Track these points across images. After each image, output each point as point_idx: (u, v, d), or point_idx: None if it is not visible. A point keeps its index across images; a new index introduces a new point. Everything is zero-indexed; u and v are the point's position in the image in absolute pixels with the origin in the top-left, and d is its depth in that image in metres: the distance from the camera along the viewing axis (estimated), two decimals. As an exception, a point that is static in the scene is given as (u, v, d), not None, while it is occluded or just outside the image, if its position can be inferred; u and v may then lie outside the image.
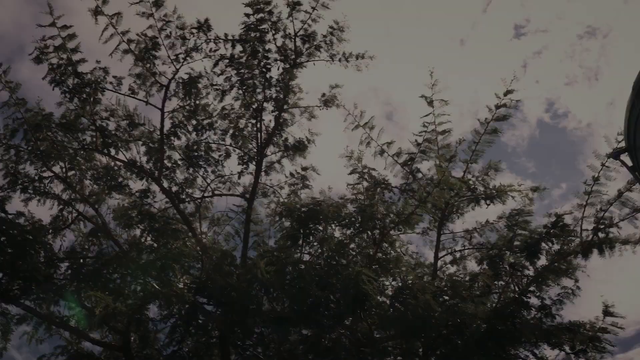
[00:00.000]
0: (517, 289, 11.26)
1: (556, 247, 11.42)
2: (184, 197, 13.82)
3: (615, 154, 9.19)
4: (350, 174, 12.42)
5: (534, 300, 11.12)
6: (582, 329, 10.67)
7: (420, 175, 12.16)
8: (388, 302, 10.78)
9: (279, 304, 10.79)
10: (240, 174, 14.24)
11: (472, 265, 12.64)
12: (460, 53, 41.29)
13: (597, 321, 10.70)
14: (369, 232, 11.01)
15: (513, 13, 41.22)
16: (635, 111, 8.27)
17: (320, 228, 11.38)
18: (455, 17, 41.66)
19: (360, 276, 9.46)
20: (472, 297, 10.43)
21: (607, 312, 10.67)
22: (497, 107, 12.25)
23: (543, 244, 11.36)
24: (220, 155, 14.19)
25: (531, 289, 11.11)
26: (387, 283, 11.13)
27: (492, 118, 12.32)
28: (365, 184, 11.95)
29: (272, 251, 11.32)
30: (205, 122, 13.85)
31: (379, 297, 10.42)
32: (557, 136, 40.47)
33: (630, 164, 8.91)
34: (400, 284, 10.84)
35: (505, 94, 12.11)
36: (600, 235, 11.33)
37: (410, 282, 10.68)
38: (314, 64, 14.09)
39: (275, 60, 13.80)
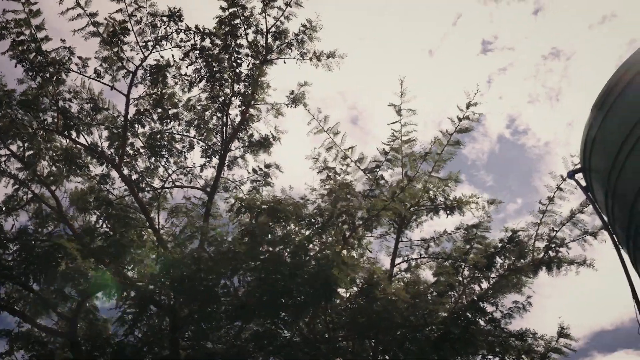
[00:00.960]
0: (473, 296, 11.47)
1: (509, 262, 11.71)
2: (143, 185, 13.63)
3: (570, 174, 9.46)
4: (319, 173, 12.51)
5: (488, 308, 11.35)
6: (532, 338, 10.99)
7: (383, 182, 12.27)
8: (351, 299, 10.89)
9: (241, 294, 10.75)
10: (202, 166, 14.17)
11: (426, 274, 12.81)
12: (429, 63, 41.76)
13: (552, 341, 11.06)
14: (335, 230, 11.04)
15: (482, 28, 41.95)
16: (592, 133, 8.51)
17: (281, 226, 11.41)
18: (426, 27, 42.12)
19: (331, 262, 9.55)
20: (430, 300, 10.62)
21: (562, 334, 11.02)
22: (460, 119, 12.47)
23: (498, 258, 11.63)
24: (183, 147, 14.06)
25: (485, 300, 11.32)
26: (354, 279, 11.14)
27: (455, 130, 12.54)
28: (329, 186, 11.99)
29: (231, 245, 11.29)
30: (170, 112, 13.68)
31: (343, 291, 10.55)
32: (516, 152, 41.37)
33: (584, 184, 9.16)
34: (364, 281, 10.88)
35: (467, 107, 12.33)
36: (551, 254, 11.67)
37: (375, 279, 10.73)
38: (284, 61, 14.11)
39: (246, 55, 13.75)
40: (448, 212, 12.69)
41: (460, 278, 11.73)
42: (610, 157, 7.93)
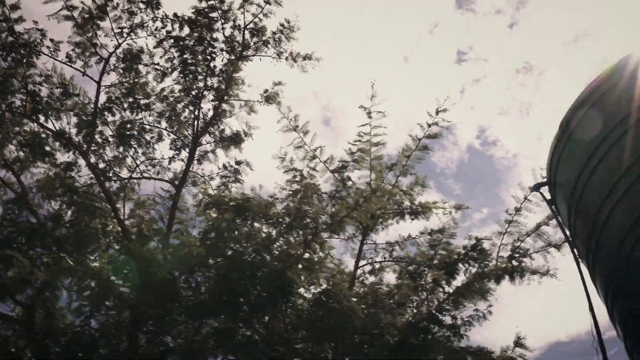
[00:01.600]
0: (432, 305, 11.56)
1: (472, 269, 11.85)
2: (110, 175, 13.43)
3: (536, 187, 9.65)
4: (285, 172, 12.46)
5: (446, 319, 11.44)
6: (488, 355, 11.12)
7: (350, 183, 12.30)
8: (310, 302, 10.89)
9: (201, 291, 10.69)
10: (171, 159, 13.99)
11: (389, 277, 12.88)
12: (404, 69, 42.12)
13: (507, 350, 11.21)
14: (300, 231, 11.03)
15: (458, 38, 42.49)
16: (559, 148, 8.69)
17: (247, 224, 11.38)
18: (403, 33, 42.50)
19: (289, 264, 9.58)
20: (391, 308, 10.66)
21: (518, 343, 11.20)
22: (429, 125, 12.58)
23: (461, 265, 11.75)
24: (153, 138, 13.90)
25: (446, 307, 11.42)
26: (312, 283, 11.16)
27: (424, 135, 12.64)
28: (296, 186, 11.98)
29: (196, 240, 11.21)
30: (142, 101, 13.52)
31: (301, 294, 10.55)
32: (485, 163, 41.97)
33: (549, 197, 9.35)
34: (324, 286, 10.90)
35: (437, 113, 12.44)
36: (514, 263, 11.85)
37: (332, 285, 10.76)
38: (260, 59, 14.07)
39: (221, 49, 13.67)
40: (414, 216, 12.79)
41: (423, 283, 11.83)
42: (575, 173, 8.11)
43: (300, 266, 10.35)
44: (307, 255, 10.88)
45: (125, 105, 13.42)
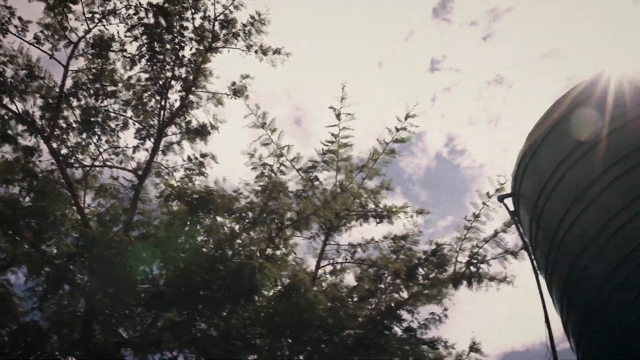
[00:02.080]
0: (392, 304, 11.71)
1: (432, 273, 12.04)
2: (72, 162, 13.14)
3: (500, 198, 9.85)
4: (253, 169, 12.45)
5: (404, 317, 11.62)
6: (443, 346, 11.36)
7: (317, 183, 12.34)
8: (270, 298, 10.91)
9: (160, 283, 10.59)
10: (135, 148, 13.71)
11: (350, 279, 12.98)
12: (377, 74, 42.36)
13: (463, 355, 11.46)
14: (265, 227, 11.03)
15: (432, 47, 42.94)
16: (524, 161, 8.92)
17: (210, 218, 11.32)
18: (378, 39, 42.70)
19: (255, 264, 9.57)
20: (350, 306, 10.77)
21: (473, 348, 11.44)
22: (398, 129, 12.72)
23: (420, 269, 11.93)
24: (118, 126, 13.64)
25: (404, 309, 11.59)
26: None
27: (392, 139, 12.77)
28: (263, 183, 11.96)
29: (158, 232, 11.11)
30: (109, 88, 13.26)
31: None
32: (452, 171, 42.57)
33: (512, 208, 9.56)
34: (286, 282, 10.92)
35: (405, 118, 12.57)
36: (472, 269, 12.08)
37: (295, 280, 10.78)
38: (229, 51, 13.96)
39: (191, 39, 13.52)
40: (378, 220, 12.91)
41: (382, 286, 11.97)
42: (539, 187, 8.34)
43: (262, 262, 10.32)
44: (270, 251, 10.89)
45: (92, 91, 13.14)
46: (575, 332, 7.99)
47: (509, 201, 9.63)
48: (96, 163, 13.50)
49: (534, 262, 8.95)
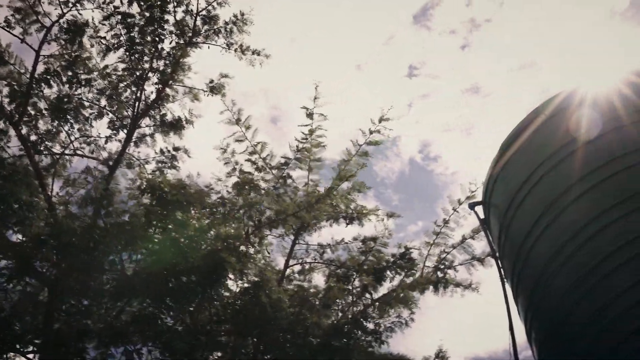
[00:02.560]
0: (358, 310, 11.79)
1: (399, 277, 12.17)
2: (42, 149, 12.91)
3: (471, 205, 10.00)
4: (226, 164, 12.43)
5: (369, 325, 11.68)
6: None
7: (290, 181, 12.38)
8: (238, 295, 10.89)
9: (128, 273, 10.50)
10: (108, 138, 13.53)
11: (318, 279, 13.05)
12: (355, 77, 42.46)
13: None
14: (242, 222, 11.02)
15: (411, 53, 43.24)
16: (496, 170, 9.08)
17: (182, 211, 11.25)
18: (358, 42, 42.82)
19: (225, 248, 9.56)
20: (318, 309, 10.79)
21: (438, 356, 11.58)
22: (372, 132, 12.80)
23: (389, 272, 12.04)
24: (91, 115, 13.44)
25: (371, 313, 11.67)
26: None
27: (365, 142, 12.86)
28: (235, 179, 11.96)
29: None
30: (83, 76, 13.06)
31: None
32: (424, 177, 42.94)
33: (482, 216, 9.72)
34: (255, 279, 10.90)
35: (380, 121, 12.68)
36: (439, 274, 12.24)
37: (263, 278, 10.77)
38: (209, 47, 13.90)
39: (171, 32, 13.42)
40: (348, 221, 12.98)
41: (350, 287, 12.03)
42: (509, 196, 8.50)
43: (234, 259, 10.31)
44: (243, 248, 10.88)
45: (64, 79, 12.90)
46: (538, 341, 8.16)
47: (479, 209, 9.78)
48: (67, 151, 13.29)
49: (501, 270, 9.11)
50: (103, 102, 13.49)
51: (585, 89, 8.35)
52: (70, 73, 12.96)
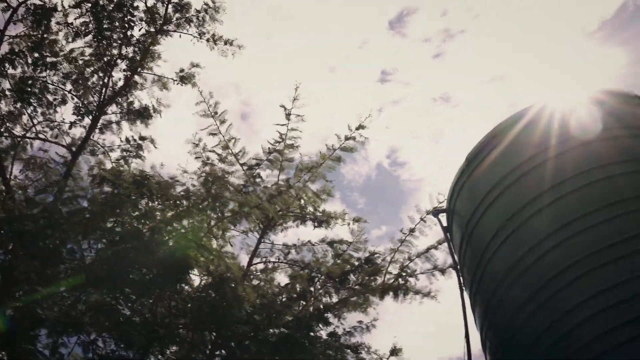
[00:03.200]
0: (321, 307, 11.83)
1: (362, 281, 12.21)
2: (2, 130, 12.59)
3: (435, 212, 10.09)
4: (197, 158, 12.33)
5: (331, 320, 11.75)
6: (366, 352, 11.55)
7: (259, 180, 12.34)
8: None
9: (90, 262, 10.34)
10: (72, 124, 13.28)
11: (281, 279, 13.02)
12: (328, 79, 42.47)
13: (383, 357, 11.68)
14: (205, 215, 10.93)
15: (384, 59, 43.43)
16: (462, 179, 9.19)
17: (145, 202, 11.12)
18: (333, 44, 42.79)
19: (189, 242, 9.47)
20: (280, 304, 10.80)
21: (393, 352, 11.70)
22: (347, 137, 12.82)
23: (352, 276, 12.09)
24: (56, 99, 13.16)
25: (332, 313, 11.71)
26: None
27: (339, 147, 12.88)
28: (205, 172, 11.85)
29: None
30: (48, 59, 12.78)
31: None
32: (391, 182, 43.24)
33: (445, 224, 9.81)
34: (218, 273, 10.83)
35: (357, 128, 12.72)
36: (401, 281, 12.33)
37: (227, 270, 10.72)
38: (180, 35, 13.74)
39: (141, 19, 13.23)
40: (316, 224, 12.96)
41: (312, 289, 12.05)
42: (473, 205, 8.61)
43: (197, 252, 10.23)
44: (206, 240, 10.80)
45: (30, 60, 12.62)
46: (491, 351, 8.30)
47: (443, 217, 9.88)
48: (28, 135, 13.02)
49: (461, 279, 9.23)
50: (69, 86, 13.27)
51: (553, 104, 8.52)
52: (36, 55, 12.68)
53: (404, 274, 12.31)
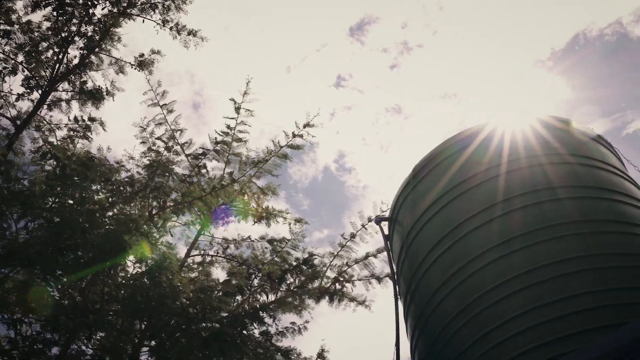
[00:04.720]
0: (256, 305, 11.76)
1: (299, 282, 12.21)
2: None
3: (378, 220, 10.14)
4: (142, 143, 12.12)
5: (266, 320, 11.68)
6: (296, 357, 11.52)
7: (205, 171, 12.21)
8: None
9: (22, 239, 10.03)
10: (20, 96, 12.90)
11: (219, 274, 12.93)
12: (284, 78, 42.52)
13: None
14: (147, 202, 10.74)
15: (341, 64, 43.77)
16: (406, 190, 9.29)
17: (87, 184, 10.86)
18: (291, 45, 42.94)
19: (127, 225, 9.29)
20: (215, 298, 10.68)
21: (320, 355, 11.70)
22: (294, 135, 12.83)
23: (289, 276, 12.07)
24: (5, 69, 12.76)
25: (267, 312, 11.65)
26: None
27: (287, 144, 12.87)
28: (149, 159, 11.66)
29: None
30: (2, 27, 12.40)
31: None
32: (336, 187, 43.49)
33: (387, 232, 9.89)
34: (154, 261, 10.65)
35: (304, 126, 12.72)
36: (337, 286, 12.38)
37: (164, 258, 10.54)
38: (143, 21, 13.54)
39: (105, -1, 12.99)
40: (256, 220, 12.91)
41: (249, 287, 11.98)
42: (415, 216, 8.70)
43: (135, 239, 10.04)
44: (145, 227, 10.61)
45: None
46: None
47: (385, 225, 9.96)
48: (-29, 102, 12.59)
49: (397, 287, 9.31)
50: (20, 57, 12.86)
51: (500, 126, 8.71)
52: (-10, 22, 12.30)
53: (341, 279, 12.36)
